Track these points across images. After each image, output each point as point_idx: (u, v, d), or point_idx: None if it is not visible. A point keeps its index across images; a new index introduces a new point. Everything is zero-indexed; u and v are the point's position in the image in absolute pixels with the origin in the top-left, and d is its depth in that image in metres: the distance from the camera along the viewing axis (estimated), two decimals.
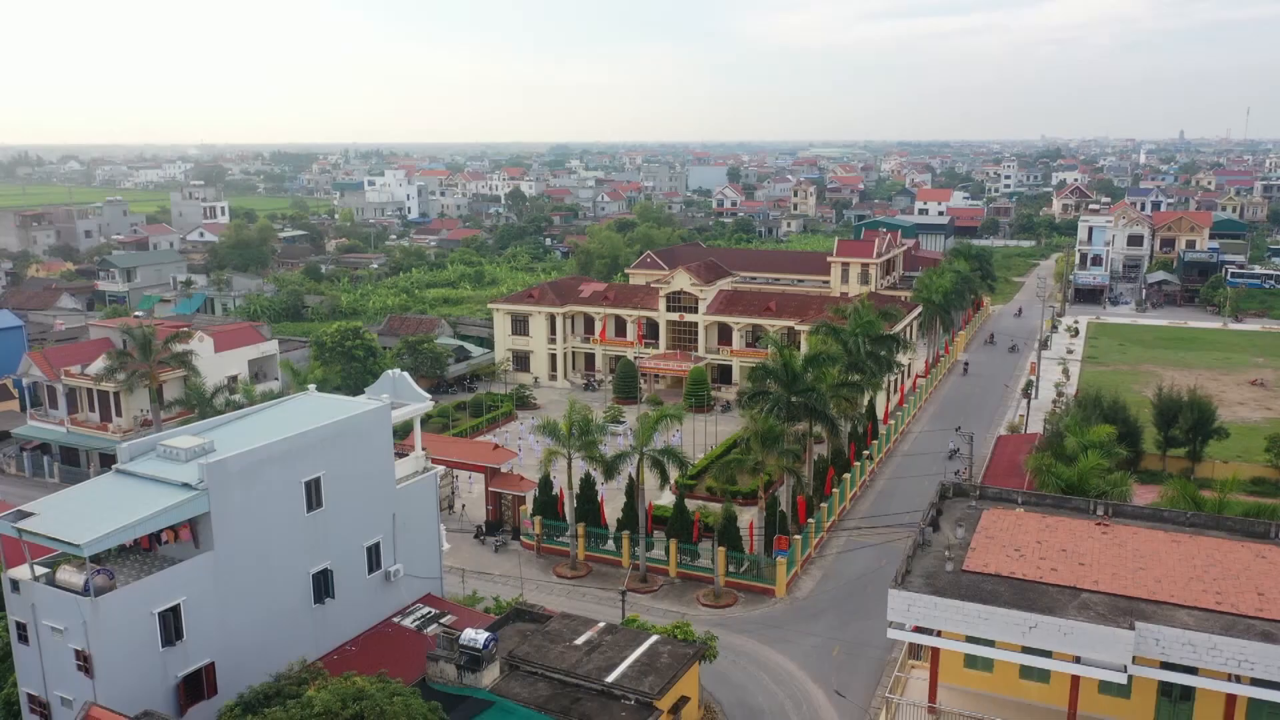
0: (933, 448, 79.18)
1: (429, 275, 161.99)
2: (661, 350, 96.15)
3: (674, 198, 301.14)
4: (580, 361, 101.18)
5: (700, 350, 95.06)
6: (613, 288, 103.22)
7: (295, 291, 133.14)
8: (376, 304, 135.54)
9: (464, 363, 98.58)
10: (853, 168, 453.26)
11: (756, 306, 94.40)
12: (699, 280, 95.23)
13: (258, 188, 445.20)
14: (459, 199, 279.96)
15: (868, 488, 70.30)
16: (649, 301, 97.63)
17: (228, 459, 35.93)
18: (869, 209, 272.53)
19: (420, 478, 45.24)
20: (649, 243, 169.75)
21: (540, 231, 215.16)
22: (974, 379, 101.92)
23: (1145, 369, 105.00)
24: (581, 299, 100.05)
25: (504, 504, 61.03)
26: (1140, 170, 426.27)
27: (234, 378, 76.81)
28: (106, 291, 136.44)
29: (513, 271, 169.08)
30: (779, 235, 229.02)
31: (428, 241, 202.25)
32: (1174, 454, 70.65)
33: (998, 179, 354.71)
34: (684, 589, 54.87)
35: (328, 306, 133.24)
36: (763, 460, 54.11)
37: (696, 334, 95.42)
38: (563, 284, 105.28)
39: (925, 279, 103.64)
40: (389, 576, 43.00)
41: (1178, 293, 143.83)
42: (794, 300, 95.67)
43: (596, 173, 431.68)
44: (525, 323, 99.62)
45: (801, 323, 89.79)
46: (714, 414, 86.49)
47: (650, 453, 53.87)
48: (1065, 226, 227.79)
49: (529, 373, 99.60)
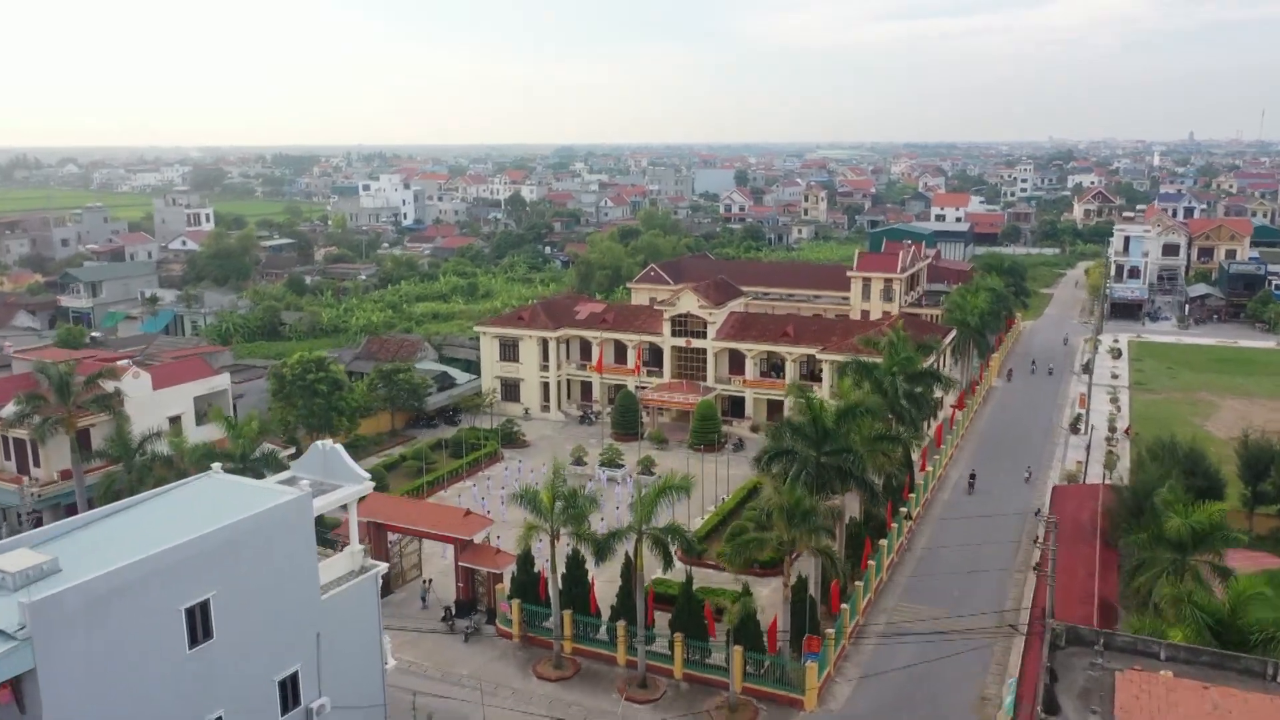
0: (977, 496, 69.22)
1: (419, 287, 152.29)
2: (666, 379, 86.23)
3: (680, 202, 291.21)
4: (576, 391, 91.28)
5: (709, 380, 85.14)
6: (612, 308, 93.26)
7: (272, 308, 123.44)
8: (360, 320, 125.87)
9: (446, 392, 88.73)
10: (862, 170, 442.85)
11: (772, 331, 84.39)
12: (708, 301, 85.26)
13: (256, 191, 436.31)
14: (457, 204, 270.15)
15: (906, 551, 60.33)
16: (652, 325, 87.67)
17: (63, 593, 26.09)
18: (882, 214, 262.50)
19: (356, 581, 35.41)
20: (653, 252, 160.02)
21: (540, 239, 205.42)
22: (1012, 409, 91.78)
23: (1201, 397, 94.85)
24: (577, 321, 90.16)
25: (478, 581, 51.16)
26: (1157, 173, 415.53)
27: (177, 418, 67.15)
28: (70, 308, 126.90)
29: (509, 283, 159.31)
30: (789, 242, 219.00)
31: (421, 250, 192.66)
32: (1263, 511, 60.65)
33: (1013, 182, 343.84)
34: (693, 696, 44.91)
35: (307, 324, 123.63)
36: (788, 540, 44.15)
37: (705, 361, 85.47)
38: (556, 304, 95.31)
39: (958, 298, 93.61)
40: (311, 716, 33.18)
41: (1222, 308, 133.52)
42: (814, 324, 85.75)
43: (601, 176, 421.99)
44: (515, 347, 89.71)
45: (824, 350, 79.77)
46: (724, 452, 76.64)
47: (651, 531, 43.97)
48: (1089, 233, 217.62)
49: (519, 403, 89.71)
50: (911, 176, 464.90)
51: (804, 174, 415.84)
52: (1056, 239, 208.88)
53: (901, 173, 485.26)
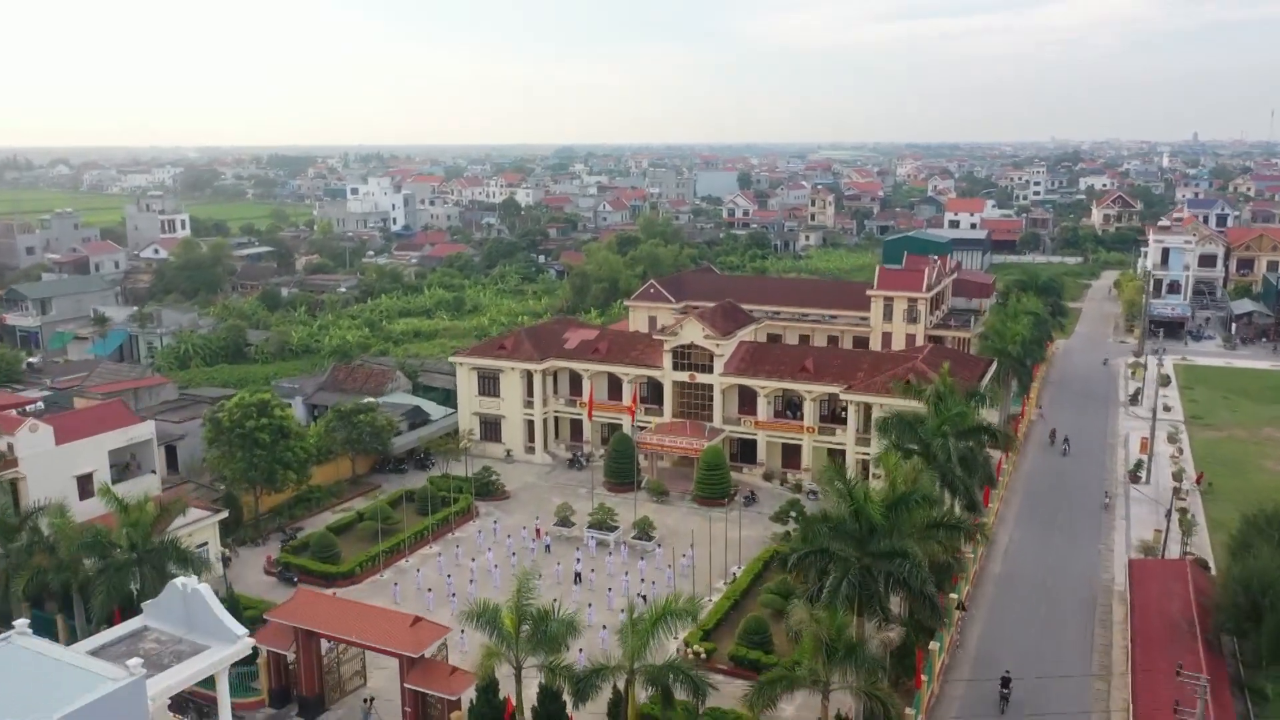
0: (1037, 566, 58.67)
1: (402, 301, 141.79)
2: (667, 419, 75.68)
3: (681, 206, 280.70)
4: (565, 429, 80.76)
5: (716, 420, 74.57)
6: (605, 335, 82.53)
7: (237, 327, 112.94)
8: (334, 340, 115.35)
9: (418, 432, 78.22)
10: (868, 172, 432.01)
11: (789, 365, 73.73)
12: (714, 331, 74.65)
13: (247, 193, 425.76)
14: (449, 208, 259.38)
15: (958, 647, 49.76)
16: (651, 356, 77.09)
17: None
18: (891, 219, 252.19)
19: None
20: (653, 263, 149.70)
21: (535, 246, 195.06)
22: (1057, 452, 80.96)
23: (1268, 435, 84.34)
24: (567, 351, 79.59)
25: (429, 708, 40.64)
26: (1170, 175, 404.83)
27: (87, 477, 56.79)
28: (17, 327, 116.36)
29: (499, 296, 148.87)
30: (797, 250, 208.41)
31: (408, 259, 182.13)
32: None
33: (1025, 185, 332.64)
34: None
35: (275, 345, 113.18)
36: (826, 680, 33.65)
37: (711, 399, 74.88)
38: (543, 331, 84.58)
39: (997, 324, 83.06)
40: None
41: (1271, 326, 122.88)
42: (835, 358, 75.08)
43: (600, 178, 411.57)
44: (495, 381, 79.18)
45: (849, 389, 69.24)
46: (734, 507, 66.14)
47: (646, 669, 33.51)
48: (1111, 240, 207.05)
49: (500, 443, 79.21)
50: (918, 178, 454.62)
51: (808, 176, 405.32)
52: (1078, 247, 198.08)
53: (907, 174, 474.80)
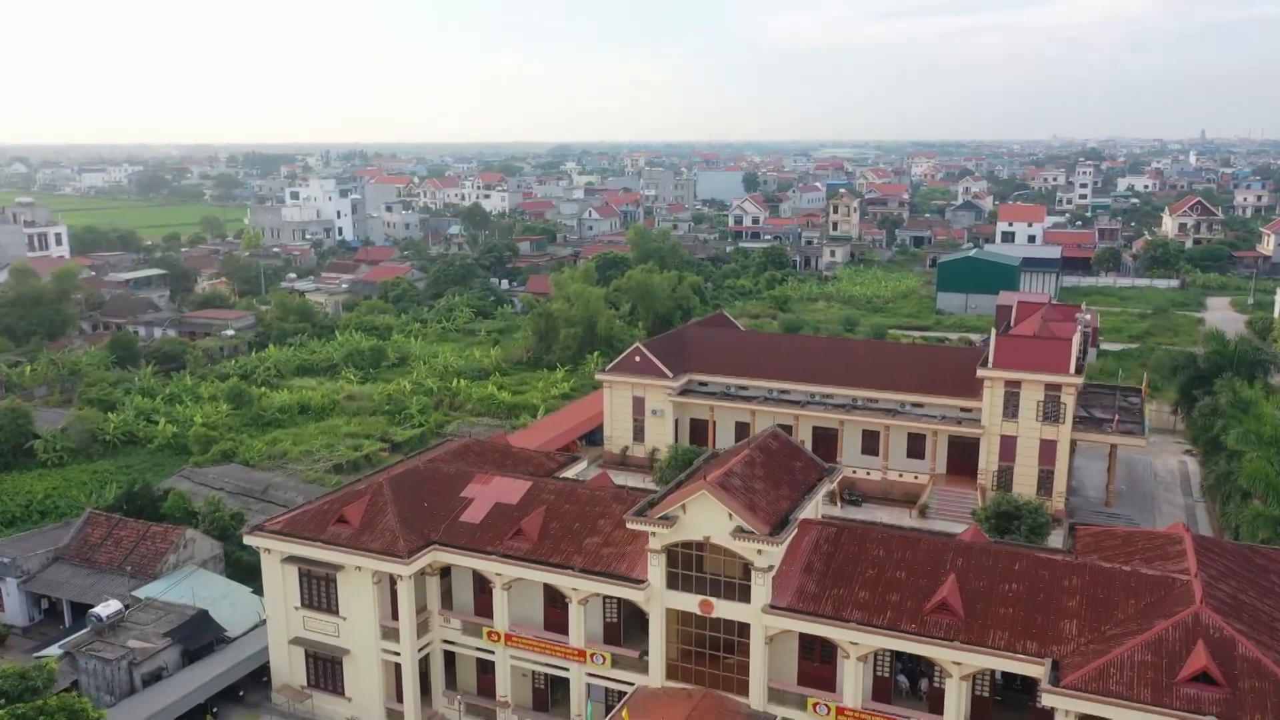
0: None
1: (301, 352, 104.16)
2: (654, 681, 38.12)
3: (680, 212, 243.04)
4: (468, 673, 43.23)
5: (755, 695, 37.04)
6: (538, 504, 43.85)
7: (18, 411, 75.24)
8: (167, 431, 78.02)
9: (195, 671, 40.63)
10: (885, 172, 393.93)
11: (906, 598, 36.08)
12: (753, 516, 36.81)
13: (205, 195, 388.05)
14: (409, 215, 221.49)
15: None
16: (625, 556, 39.50)
17: None
18: (926, 228, 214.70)
19: None
20: (644, 295, 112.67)
21: (501, 264, 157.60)
22: None
23: None
24: (461, 529, 41.99)
25: None
26: (1217, 175, 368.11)
27: None
28: None
29: (437, 341, 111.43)
30: (821, 269, 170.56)
31: (337, 283, 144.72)
32: None
33: (1068, 188, 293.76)
34: None
35: (80, 436, 75.77)
36: None
37: (746, 653, 37.37)
38: (426, 478, 45.98)
39: (1256, 467, 45.48)
40: None
41: None
42: (1010, 578, 37.30)
43: (592, 178, 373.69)
44: (330, 587, 41.76)
45: (1063, 672, 31.73)
46: None
47: None
48: (1198, 256, 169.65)
49: (342, 696, 41.86)
50: (935, 179, 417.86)
51: (819, 175, 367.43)
52: (1169, 265, 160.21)
53: (923, 174, 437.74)
